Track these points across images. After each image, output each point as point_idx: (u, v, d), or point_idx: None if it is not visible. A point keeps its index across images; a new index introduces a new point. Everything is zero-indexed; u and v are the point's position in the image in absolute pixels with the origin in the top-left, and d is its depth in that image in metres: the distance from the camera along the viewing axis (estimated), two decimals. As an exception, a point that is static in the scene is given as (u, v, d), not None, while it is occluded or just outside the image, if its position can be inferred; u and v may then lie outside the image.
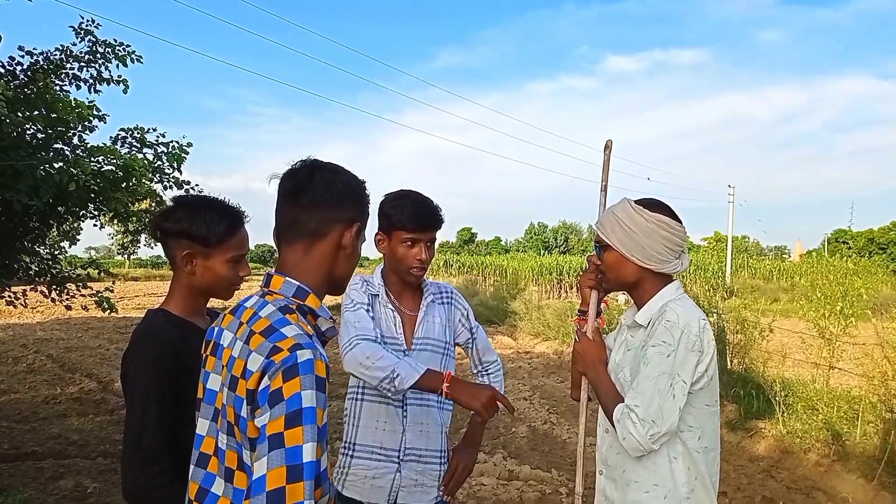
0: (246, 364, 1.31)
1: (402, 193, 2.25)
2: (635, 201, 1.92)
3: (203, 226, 1.80)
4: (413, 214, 2.19)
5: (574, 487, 2.05)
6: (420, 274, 2.27)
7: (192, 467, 1.48)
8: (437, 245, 2.36)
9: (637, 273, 1.90)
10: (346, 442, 2.26)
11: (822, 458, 6.16)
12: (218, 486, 1.39)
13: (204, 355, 1.52)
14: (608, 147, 2.10)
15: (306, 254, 1.45)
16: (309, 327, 1.41)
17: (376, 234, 2.29)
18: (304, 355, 1.26)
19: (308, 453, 1.19)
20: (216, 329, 1.51)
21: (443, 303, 2.40)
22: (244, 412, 1.30)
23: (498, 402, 1.96)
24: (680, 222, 1.89)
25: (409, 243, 2.21)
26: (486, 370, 2.53)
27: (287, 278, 1.44)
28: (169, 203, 1.98)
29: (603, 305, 2.12)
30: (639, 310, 1.94)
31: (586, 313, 2.08)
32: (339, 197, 1.46)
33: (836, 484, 5.77)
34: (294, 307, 1.41)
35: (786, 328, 9.25)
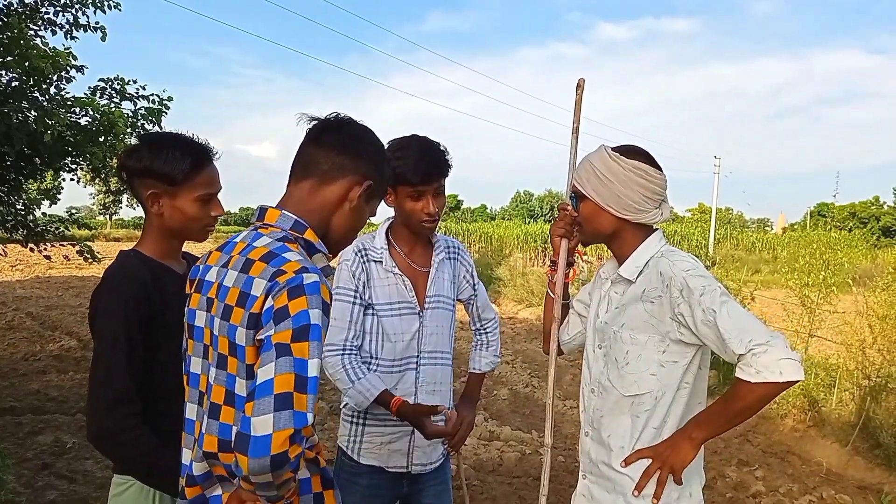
0: (245, 291, 1.28)
1: (403, 143, 2.12)
2: (613, 148, 1.82)
3: (166, 163, 1.72)
4: (416, 166, 2.07)
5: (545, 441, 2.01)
6: (431, 226, 2.19)
7: (193, 406, 1.44)
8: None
9: (614, 224, 1.81)
10: (353, 411, 2.19)
11: (797, 424, 6.26)
12: (205, 425, 1.36)
13: (188, 293, 1.48)
14: (580, 86, 1.99)
15: (312, 193, 1.44)
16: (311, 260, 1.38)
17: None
18: (310, 278, 1.24)
19: (313, 369, 1.18)
20: (201, 267, 1.47)
21: (450, 258, 2.35)
22: (242, 339, 1.27)
23: (440, 433, 2.07)
24: (660, 170, 1.80)
25: (416, 196, 2.11)
26: (485, 328, 2.50)
27: (284, 211, 1.41)
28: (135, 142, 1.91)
29: (576, 256, 2.04)
30: (619, 263, 1.86)
31: (557, 263, 1.99)
32: (361, 150, 1.46)
33: (811, 449, 5.87)
34: (293, 238, 1.38)
35: (767, 297, 9.33)
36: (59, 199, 11.08)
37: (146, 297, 1.69)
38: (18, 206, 6.11)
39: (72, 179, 6.03)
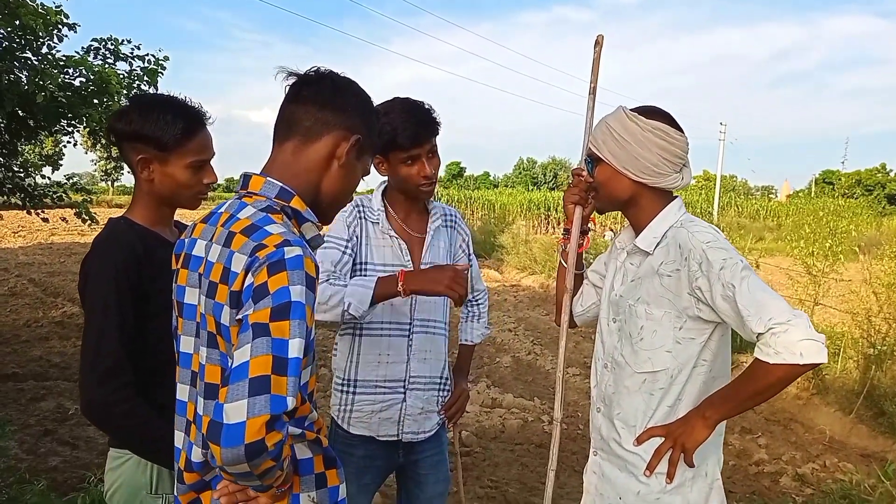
0: (227, 267, 1.20)
1: (385, 107, 2.00)
2: (631, 109, 1.72)
3: (156, 127, 1.63)
4: (404, 128, 1.98)
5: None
6: (430, 189, 2.11)
7: (184, 387, 1.37)
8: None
9: (631, 189, 1.70)
10: (343, 379, 2.13)
11: (801, 392, 6.25)
12: (200, 406, 1.29)
13: (175, 269, 1.40)
14: (599, 43, 1.87)
15: (296, 154, 1.35)
16: (296, 231, 1.30)
17: (374, 158, 2.07)
18: (291, 251, 1.16)
19: (295, 349, 1.09)
20: (187, 240, 1.38)
21: (447, 226, 2.28)
22: (226, 319, 1.20)
23: (463, 276, 1.87)
24: (681, 131, 1.69)
25: (410, 161, 2.02)
26: (476, 300, 2.49)
27: (268, 178, 1.32)
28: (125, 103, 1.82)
29: (590, 224, 1.95)
30: (636, 233, 1.76)
31: (570, 232, 1.90)
32: (344, 102, 1.36)
33: (814, 416, 5.87)
34: (278, 208, 1.29)
35: (772, 265, 9.28)
36: (60, 165, 11.04)
37: (136, 264, 1.62)
38: (16, 169, 6.04)
39: (68, 142, 5.94)
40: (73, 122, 5.22)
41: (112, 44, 5.40)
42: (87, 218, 6.26)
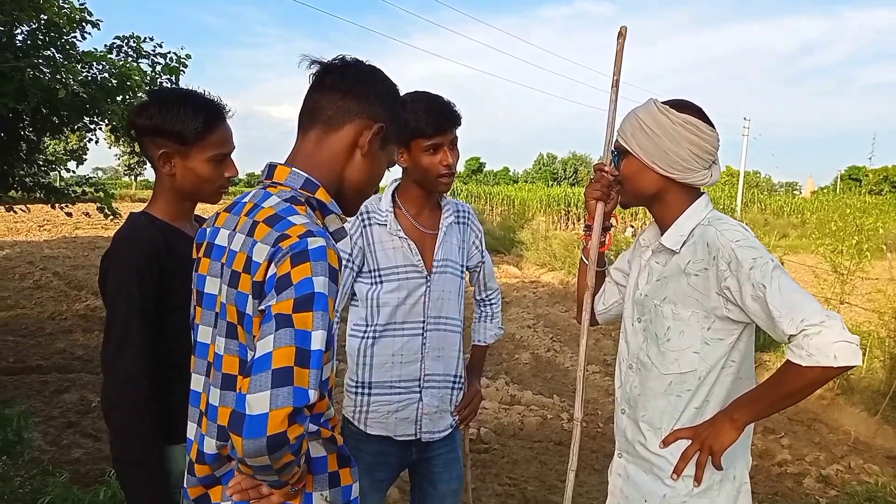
0: (250, 256, 1.20)
1: (410, 96, 2.02)
2: (662, 102, 1.67)
3: (177, 121, 1.62)
4: (429, 116, 1.99)
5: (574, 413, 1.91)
6: (449, 181, 2.11)
7: (199, 377, 1.37)
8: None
9: (658, 184, 1.66)
10: (356, 382, 2.12)
11: (825, 392, 6.15)
12: (214, 397, 1.29)
13: (196, 258, 1.40)
14: (622, 35, 1.83)
15: (318, 144, 1.34)
16: (319, 222, 1.29)
17: None
18: (315, 242, 1.15)
19: (317, 341, 1.09)
20: (209, 230, 1.38)
21: (459, 223, 2.27)
22: (249, 308, 1.19)
23: None
24: (713, 127, 1.65)
25: (432, 150, 2.02)
26: (489, 299, 2.47)
27: (294, 168, 1.31)
28: (145, 98, 1.81)
29: (612, 220, 1.90)
30: (661, 231, 1.71)
31: (591, 228, 1.85)
32: (367, 90, 1.34)
33: (839, 417, 5.77)
34: (303, 199, 1.28)
35: (796, 262, 9.14)
36: (85, 160, 11.13)
37: (157, 260, 1.62)
38: (40, 164, 6.12)
39: (91, 139, 6.00)
40: (95, 117, 5.27)
41: (134, 41, 5.45)
42: (109, 213, 6.33)
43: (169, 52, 5.73)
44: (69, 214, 6.75)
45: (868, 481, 4.41)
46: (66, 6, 4.78)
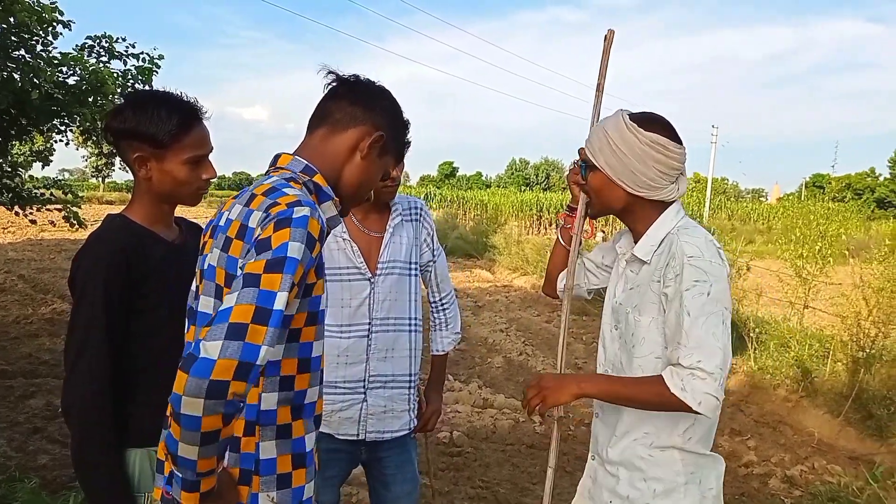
0: (244, 224, 1.28)
1: None
2: (631, 115, 1.67)
3: (151, 123, 1.62)
4: None
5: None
6: (393, 191, 2.19)
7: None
8: (417, 177, 2.23)
9: (625, 199, 1.67)
10: None
11: (790, 394, 6.30)
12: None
13: (203, 242, 1.45)
14: (609, 39, 1.83)
15: (323, 141, 1.45)
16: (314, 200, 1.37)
17: None
18: (300, 211, 1.22)
19: (280, 302, 1.15)
20: (216, 218, 1.43)
21: (410, 220, 2.28)
22: (239, 271, 1.23)
23: None
24: (680, 143, 1.66)
25: None
26: (442, 304, 2.45)
27: (296, 156, 1.42)
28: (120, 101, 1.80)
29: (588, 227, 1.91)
30: (635, 239, 1.74)
31: (575, 210, 1.86)
32: (374, 102, 1.47)
33: (803, 419, 5.91)
34: (300, 181, 1.38)
35: (762, 267, 9.33)
36: (51, 161, 10.89)
37: (127, 263, 1.61)
38: (6, 168, 5.98)
39: (60, 141, 5.90)
40: (65, 120, 5.19)
41: (107, 41, 5.37)
42: (75, 223, 6.19)
43: (141, 53, 5.67)
44: (33, 222, 6.57)
45: (831, 481, 4.52)
46: (38, 7, 4.69)
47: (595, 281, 1.98)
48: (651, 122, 1.64)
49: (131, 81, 5.49)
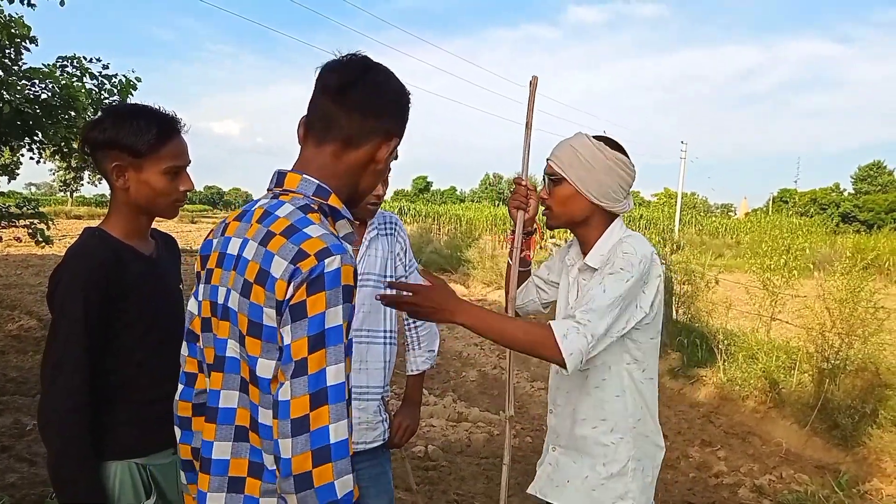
0: (265, 269, 1.19)
1: None
2: (592, 137, 1.90)
3: (130, 133, 1.64)
4: None
5: (507, 412, 2.10)
6: (376, 208, 2.21)
7: (231, 393, 1.30)
8: (391, 191, 2.27)
9: (588, 210, 1.88)
10: None
11: (758, 405, 6.42)
12: (229, 399, 1.28)
13: (207, 269, 1.35)
14: (533, 84, 2.07)
15: (336, 158, 1.32)
16: (332, 229, 1.28)
17: None
18: (331, 264, 1.15)
19: (332, 376, 1.13)
20: (216, 240, 1.35)
21: (386, 234, 2.30)
22: (267, 319, 1.19)
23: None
24: (632, 163, 1.90)
25: None
26: (415, 323, 2.44)
27: (305, 175, 1.29)
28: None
29: (534, 226, 2.14)
30: (584, 250, 1.93)
31: (514, 233, 2.08)
32: (385, 105, 1.35)
33: (771, 429, 6.02)
34: (315, 206, 1.28)
35: (730, 281, 9.50)
36: (17, 175, 10.70)
37: (105, 279, 1.61)
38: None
39: (31, 158, 5.79)
40: (35, 136, 5.10)
41: (77, 62, 5.30)
42: (41, 240, 6.08)
43: (117, 74, 5.62)
44: (-1, 239, 6.44)
45: (798, 490, 4.62)
46: (9, 22, 4.64)
47: (545, 296, 2.20)
48: (610, 143, 1.89)
49: (105, 97, 5.45)
